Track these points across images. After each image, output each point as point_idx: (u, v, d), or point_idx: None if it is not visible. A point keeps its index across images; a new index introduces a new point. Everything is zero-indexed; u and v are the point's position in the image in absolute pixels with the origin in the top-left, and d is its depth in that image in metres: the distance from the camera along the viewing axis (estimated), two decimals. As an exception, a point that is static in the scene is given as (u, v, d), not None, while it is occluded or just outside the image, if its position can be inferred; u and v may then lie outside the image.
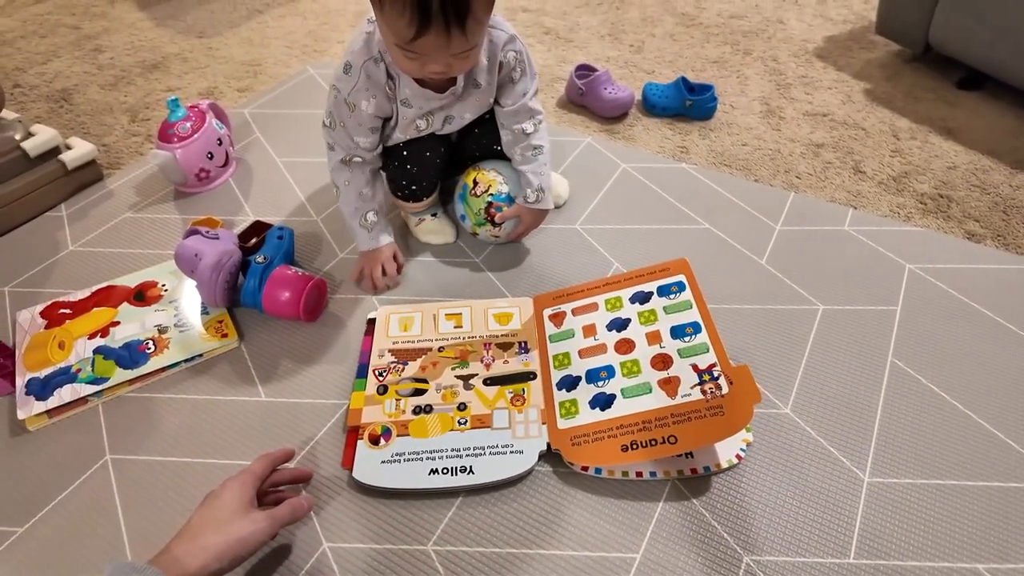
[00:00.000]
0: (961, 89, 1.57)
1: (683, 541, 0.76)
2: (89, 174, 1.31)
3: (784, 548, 0.75)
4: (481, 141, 1.12)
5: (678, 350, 0.88)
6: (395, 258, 1.09)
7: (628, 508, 0.79)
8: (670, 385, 0.85)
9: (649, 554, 0.74)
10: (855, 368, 0.94)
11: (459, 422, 0.86)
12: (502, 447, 0.83)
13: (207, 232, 1.03)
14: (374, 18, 0.85)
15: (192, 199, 1.28)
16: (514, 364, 0.93)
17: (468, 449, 0.83)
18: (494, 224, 1.08)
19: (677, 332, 0.90)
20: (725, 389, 0.80)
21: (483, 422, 0.86)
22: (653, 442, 0.78)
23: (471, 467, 0.81)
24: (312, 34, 1.90)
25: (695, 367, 0.85)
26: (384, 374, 0.92)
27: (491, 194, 1.07)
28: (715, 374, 0.83)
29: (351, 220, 1.05)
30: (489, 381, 0.91)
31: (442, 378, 0.92)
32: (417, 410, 0.88)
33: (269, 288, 0.97)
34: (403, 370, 0.93)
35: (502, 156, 1.12)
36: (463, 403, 0.89)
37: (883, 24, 1.69)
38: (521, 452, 0.82)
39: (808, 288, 1.06)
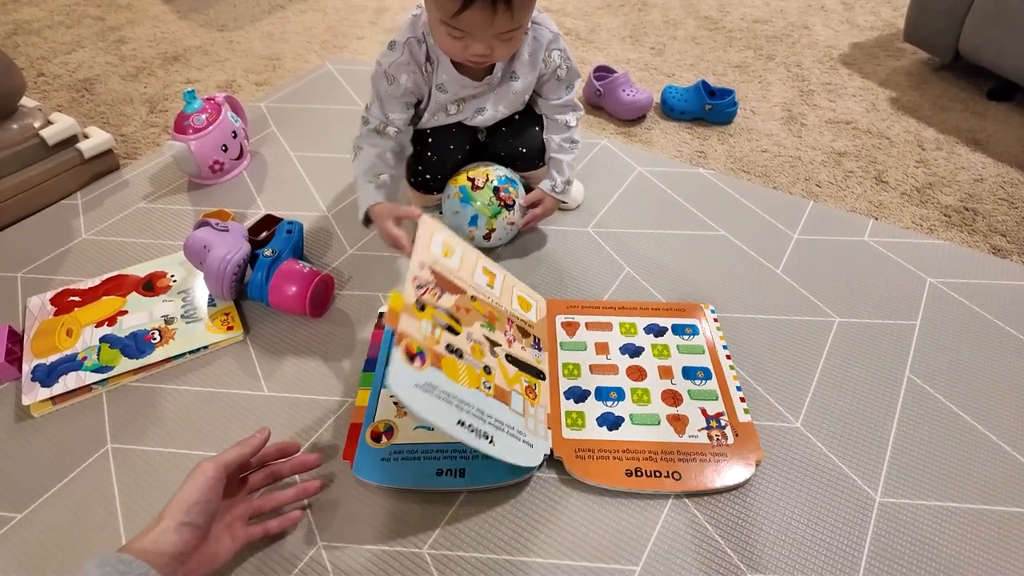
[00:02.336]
0: (991, 99, 1.53)
1: (685, 556, 0.74)
2: (105, 163, 1.32)
3: (790, 568, 0.72)
4: (508, 141, 1.10)
5: (688, 391, 0.88)
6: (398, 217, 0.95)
7: (629, 519, 0.77)
8: (679, 422, 0.84)
9: (649, 567, 0.72)
10: (870, 383, 0.91)
11: (485, 385, 0.78)
12: (517, 432, 0.78)
13: (217, 224, 1.03)
14: (423, 2, 0.88)
15: (206, 191, 1.28)
16: (529, 355, 0.90)
17: (491, 418, 0.75)
18: (508, 208, 1.06)
19: (688, 373, 0.91)
20: (731, 440, 0.82)
21: (503, 397, 0.79)
22: (657, 473, 0.78)
23: (492, 437, 0.74)
24: (332, 30, 1.91)
25: (704, 411, 0.86)
26: (423, 289, 0.78)
27: (492, 181, 1.06)
28: (722, 423, 0.84)
29: (361, 177, 0.97)
30: (509, 358, 0.85)
31: (473, 328, 0.82)
32: (450, 348, 0.76)
33: (276, 282, 0.97)
34: (440, 297, 0.80)
35: (525, 159, 1.11)
36: (488, 366, 0.80)
37: (911, 31, 1.65)
38: (531, 446, 0.80)
39: (824, 299, 1.03)
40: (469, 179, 1.06)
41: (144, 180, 1.31)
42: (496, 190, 1.05)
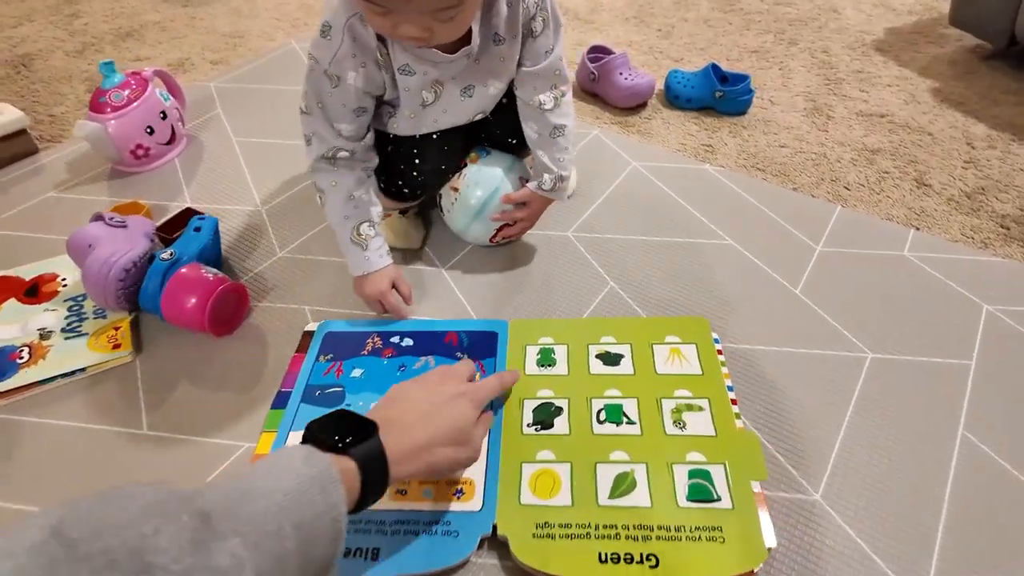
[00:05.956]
0: (1053, 92, 1.31)
1: None
2: (19, 145, 1.15)
3: None
4: (495, 131, 0.90)
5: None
6: (395, 286, 0.83)
7: (587, 626, 0.57)
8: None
9: None
10: (913, 442, 0.70)
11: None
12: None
13: (112, 219, 0.86)
14: None
15: (129, 180, 1.11)
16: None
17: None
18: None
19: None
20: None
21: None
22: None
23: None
24: (305, 7, 1.73)
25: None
26: None
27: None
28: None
29: (340, 233, 0.80)
30: None
31: None
32: None
33: (170, 291, 0.78)
34: None
35: (514, 151, 0.92)
36: None
37: (958, 14, 1.43)
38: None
39: (853, 329, 0.83)
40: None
41: (61, 166, 1.14)
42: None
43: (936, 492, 0.66)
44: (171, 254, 0.82)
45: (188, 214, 0.95)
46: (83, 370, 0.78)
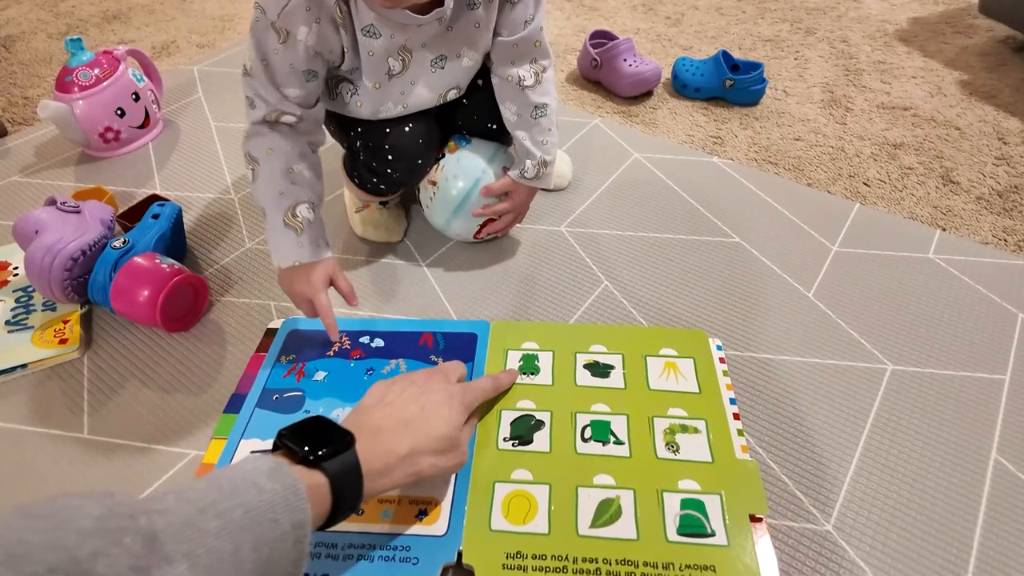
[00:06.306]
0: (1091, 86, 1.22)
1: None
2: (-14, 127, 1.09)
3: None
4: (472, 117, 0.82)
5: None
6: (333, 282, 0.71)
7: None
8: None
9: None
10: (938, 467, 0.62)
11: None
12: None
13: (64, 204, 0.79)
14: None
15: (98, 164, 1.05)
16: None
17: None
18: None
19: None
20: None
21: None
22: None
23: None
24: (300, -9, 1.67)
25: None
26: None
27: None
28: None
29: (272, 212, 0.68)
30: None
31: None
32: None
33: (120, 282, 0.72)
34: None
35: (495, 137, 0.83)
36: None
37: (989, 3, 1.34)
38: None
39: (872, 337, 0.74)
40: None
41: (29, 150, 1.08)
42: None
43: (965, 525, 0.58)
44: (124, 242, 0.75)
45: (152, 200, 0.88)
46: (24, 366, 0.72)
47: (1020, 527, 0.58)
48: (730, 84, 1.17)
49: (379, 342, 0.74)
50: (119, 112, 1.03)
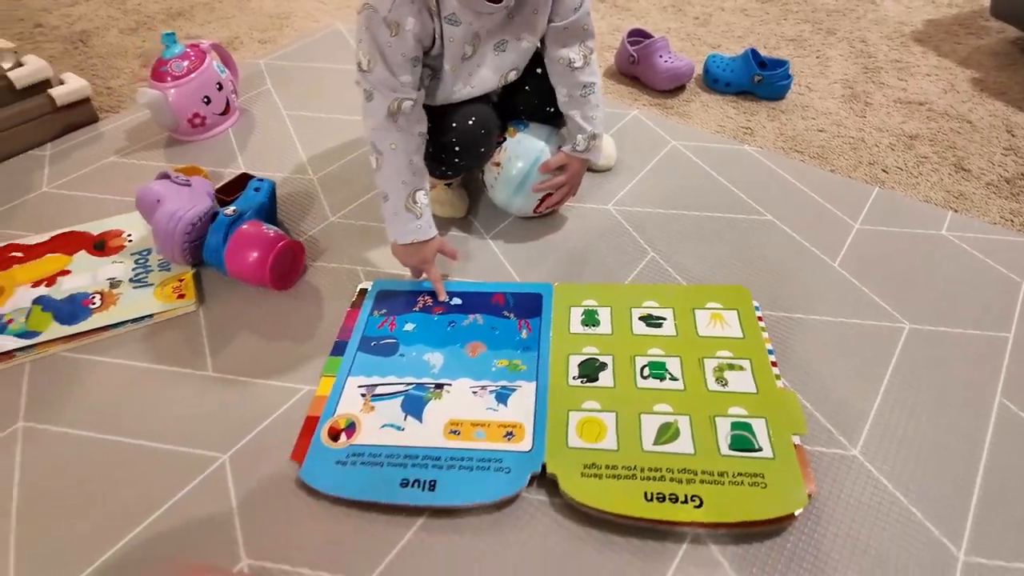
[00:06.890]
0: (1095, 84, 1.31)
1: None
2: (81, 113, 1.20)
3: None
4: (533, 101, 0.92)
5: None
6: (440, 249, 0.85)
7: (636, 563, 0.60)
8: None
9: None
10: (950, 407, 0.72)
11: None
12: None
13: (177, 177, 0.90)
14: None
15: (185, 147, 1.15)
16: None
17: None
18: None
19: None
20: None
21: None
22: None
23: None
24: (348, -10, 1.77)
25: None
26: None
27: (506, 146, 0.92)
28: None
29: (395, 199, 0.79)
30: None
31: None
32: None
33: (233, 246, 0.82)
34: None
35: (551, 120, 0.94)
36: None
37: (1000, 6, 1.43)
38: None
39: (892, 300, 0.84)
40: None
41: (120, 134, 1.19)
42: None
43: (974, 453, 0.68)
44: (234, 211, 0.86)
45: (245, 178, 0.99)
46: (150, 317, 0.83)
47: (1019, 454, 0.68)
48: (758, 80, 1.27)
49: (457, 300, 0.84)
50: (206, 100, 1.13)
